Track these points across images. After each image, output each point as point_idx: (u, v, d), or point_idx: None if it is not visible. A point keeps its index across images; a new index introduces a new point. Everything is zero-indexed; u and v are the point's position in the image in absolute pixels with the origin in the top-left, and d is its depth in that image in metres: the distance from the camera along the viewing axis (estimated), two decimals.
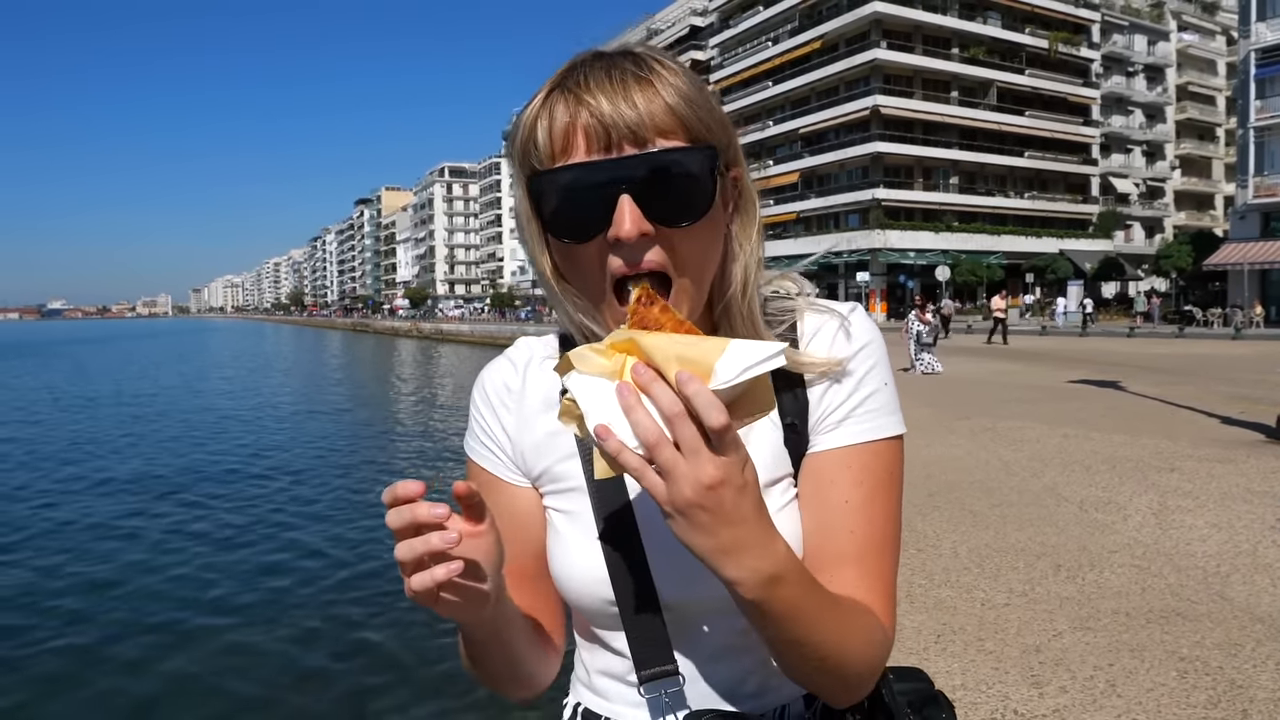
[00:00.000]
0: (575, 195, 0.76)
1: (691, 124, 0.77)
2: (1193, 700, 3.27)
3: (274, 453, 14.70)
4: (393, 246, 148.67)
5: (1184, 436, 8.88)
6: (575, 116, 0.75)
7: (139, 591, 7.41)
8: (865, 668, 0.81)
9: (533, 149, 0.78)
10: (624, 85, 0.75)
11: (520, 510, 0.96)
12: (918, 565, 5.00)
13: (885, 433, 0.88)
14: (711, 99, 0.80)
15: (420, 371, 37.08)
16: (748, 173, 0.85)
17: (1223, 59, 68.34)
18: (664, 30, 70.89)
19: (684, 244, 0.77)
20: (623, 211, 0.74)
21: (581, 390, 0.68)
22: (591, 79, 0.76)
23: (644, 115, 0.75)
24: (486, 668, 0.89)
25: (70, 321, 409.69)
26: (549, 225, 0.80)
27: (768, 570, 0.70)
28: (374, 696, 5.37)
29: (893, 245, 51.89)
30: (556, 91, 0.78)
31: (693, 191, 0.76)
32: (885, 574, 0.86)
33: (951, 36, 55.06)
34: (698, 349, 0.66)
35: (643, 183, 0.74)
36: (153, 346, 71.23)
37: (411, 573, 0.69)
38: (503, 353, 1.00)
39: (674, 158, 0.75)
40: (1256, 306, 36.16)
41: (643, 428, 0.64)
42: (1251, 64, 38.65)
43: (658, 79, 0.76)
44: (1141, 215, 65.23)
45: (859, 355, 0.88)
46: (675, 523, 0.67)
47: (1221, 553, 5.04)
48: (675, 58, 0.81)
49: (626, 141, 0.75)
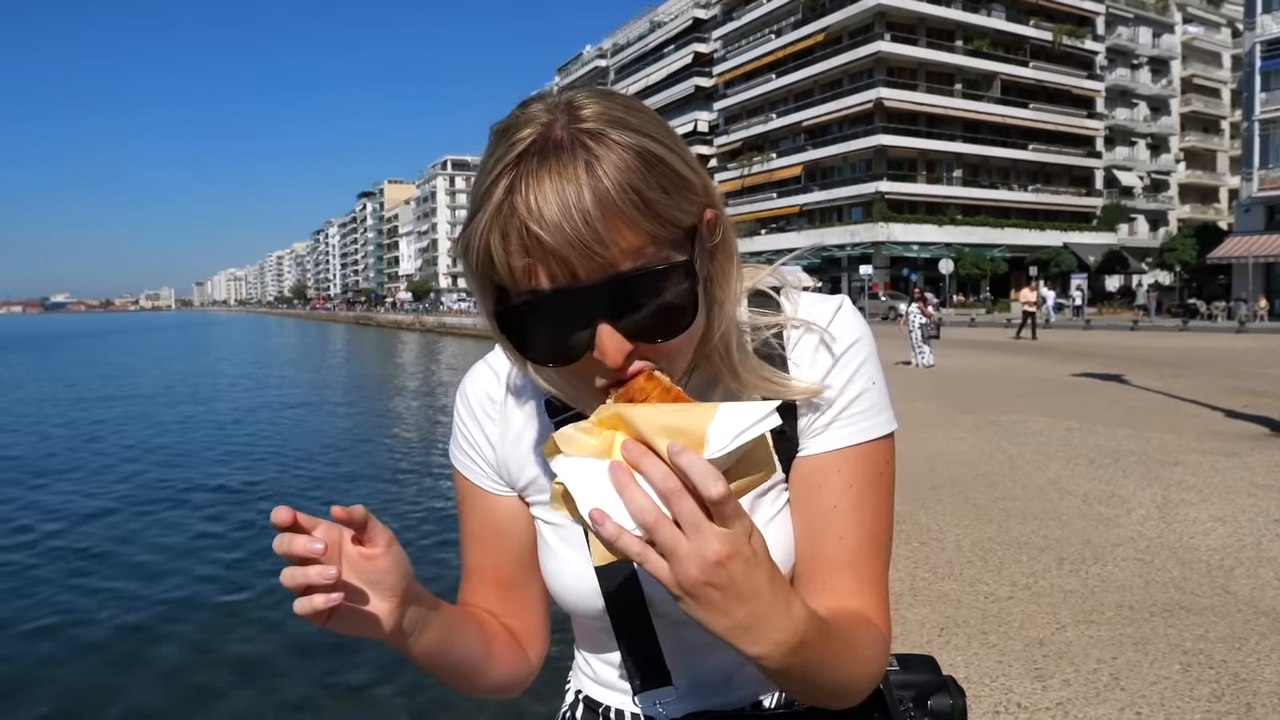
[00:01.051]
0: (549, 325, 0.72)
1: (656, 229, 0.70)
2: (1196, 693, 3.27)
3: (286, 448, 14.74)
4: (395, 240, 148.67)
5: (1188, 430, 8.86)
6: (531, 251, 0.68)
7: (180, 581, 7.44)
8: (872, 681, 0.81)
9: (491, 271, 0.71)
10: (579, 204, 0.66)
11: (501, 521, 0.96)
12: (921, 558, 5.00)
13: (873, 434, 0.86)
14: (677, 160, 0.72)
15: (423, 365, 37.11)
16: (723, 212, 0.79)
17: (1228, 51, 68.13)
18: (667, 23, 70.72)
19: (669, 345, 0.74)
20: (604, 341, 0.70)
21: (571, 474, 0.64)
22: (541, 200, 0.67)
23: (605, 242, 0.67)
24: (444, 680, 0.88)
25: (73, 315, 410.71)
26: (526, 355, 0.76)
27: (791, 641, 0.66)
28: (374, 683, 5.38)
29: (896, 238, 51.84)
30: (506, 209, 0.68)
31: (672, 308, 0.72)
32: (878, 577, 0.86)
33: (955, 29, 54.90)
34: (686, 417, 0.62)
35: (619, 309, 0.70)
36: (158, 340, 71.25)
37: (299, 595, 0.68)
38: (483, 359, 0.98)
39: (646, 284, 0.70)
40: (1261, 300, 36.07)
41: (639, 507, 0.60)
42: (1257, 56, 38.51)
43: (610, 179, 0.67)
44: (1146, 208, 65.12)
45: (846, 355, 0.86)
46: (686, 604, 0.63)
47: (1225, 546, 5.04)
48: (627, 107, 0.73)
49: (592, 272, 0.68)
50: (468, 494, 0.98)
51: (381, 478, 11.97)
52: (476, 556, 0.98)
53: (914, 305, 18.13)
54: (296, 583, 0.67)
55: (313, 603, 0.67)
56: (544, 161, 0.68)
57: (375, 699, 5.24)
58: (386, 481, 11.66)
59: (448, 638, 0.83)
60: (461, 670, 0.87)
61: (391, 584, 0.73)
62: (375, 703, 5.19)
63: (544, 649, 1.00)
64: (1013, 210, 57.03)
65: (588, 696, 0.99)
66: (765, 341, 0.87)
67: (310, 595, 0.67)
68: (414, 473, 12.17)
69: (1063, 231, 56.96)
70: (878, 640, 0.82)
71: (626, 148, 0.69)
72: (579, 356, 0.72)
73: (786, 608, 0.66)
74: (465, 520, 0.99)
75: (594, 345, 0.70)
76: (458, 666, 0.87)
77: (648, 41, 73.13)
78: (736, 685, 0.91)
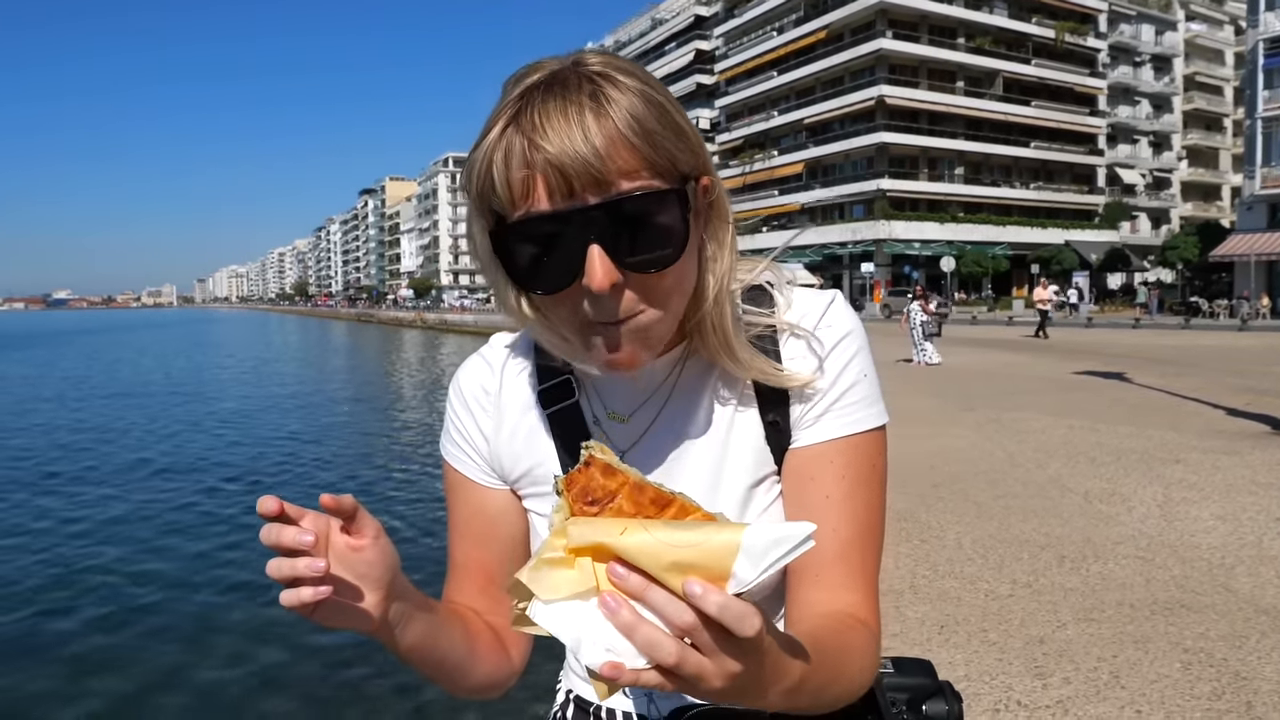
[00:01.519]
0: (542, 248, 0.72)
1: (651, 157, 0.71)
2: (1197, 692, 3.27)
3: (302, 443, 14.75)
4: (397, 236, 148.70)
5: (1189, 428, 8.85)
6: (532, 164, 0.70)
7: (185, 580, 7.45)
8: (863, 686, 0.80)
9: (491, 194, 0.73)
10: (581, 121, 0.69)
11: (491, 513, 0.96)
12: (921, 556, 5.00)
13: (866, 425, 0.87)
14: (675, 113, 0.75)
15: (425, 361, 37.13)
16: (717, 178, 0.80)
17: (1231, 49, 67.98)
18: (668, 20, 70.68)
19: (660, 283, 0.74)
20: (594, 264, 0.70)
21: (556, 625, 0.57)
22: (545, 119, 0.70)
23: (604, 158, 0.69)
24: (430, 677, 0.87)
25: (76, 311, 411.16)
26: (517, 278, 0.76)
27: (788, 687, 0.65)
28: (370, 680, 5.39)
29: (897, 236, 51.77)
30: (511, 128, 0.71)
31: (664, 237, 0.72)
32: (869, 570, 0.86)
33: (957, 26, 54.82)
34: (703, 552, 0.54)
35: (610, 231, 0.70)
36: (163, 337, 71.30)
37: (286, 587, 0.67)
38: (477, 351, 0.99)
39: (641, 206, 0.71)
40: (1264, 298, 36.02)
41: (661, 649, 0.55)
42: (1260, 54, 38.43)
43: (613, 106, 0.70)
44: (1148, 206, 65.02)
45: (838, 348, 0.87)
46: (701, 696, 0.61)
47: (1226, 545, 5.03)
48: (633, 65, 0.76)
49: (588, 187, 0.69)
50: (458, 486, 0.97)
51: (383, 471, 11.98)
52: (464, 549, 0.98)
53: (915, 303, 18.14)
54: (284, 575, 0.66)
55: (300, 595, 0.65)
56: (550, 92, 0.71)
57: (373, 697, 5.24)
58: (380, 474, 11.67)
59: (433, 634, 0.82)
60: (446, 667, 0.86)
61: (378, 576, 0.72)
62: (374, 701, 5.20)
63: (527, 650, 0.99)
64: (1014, 208, 56.95)
65: (578, 696, 0.98)
66: (759, 335, 0.88)
67: (298, 588, 0.66)
68: (412, 467, 12.18)
69: (1065, 229, 56.89)
70: (869, 642, 0.82)
71: (631, 89, 0.72)
72: (570, 282, 0.72)
73: (788, 664, 0.65)
74: (454, 513, 0.99)
75: (584, 272, 0.71)
76: (442, 664, 0.85)
77: (649, 39, 73.07)
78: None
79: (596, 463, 0.60)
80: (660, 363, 0.89)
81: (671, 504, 0.58)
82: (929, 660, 1.02)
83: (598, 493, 0.59)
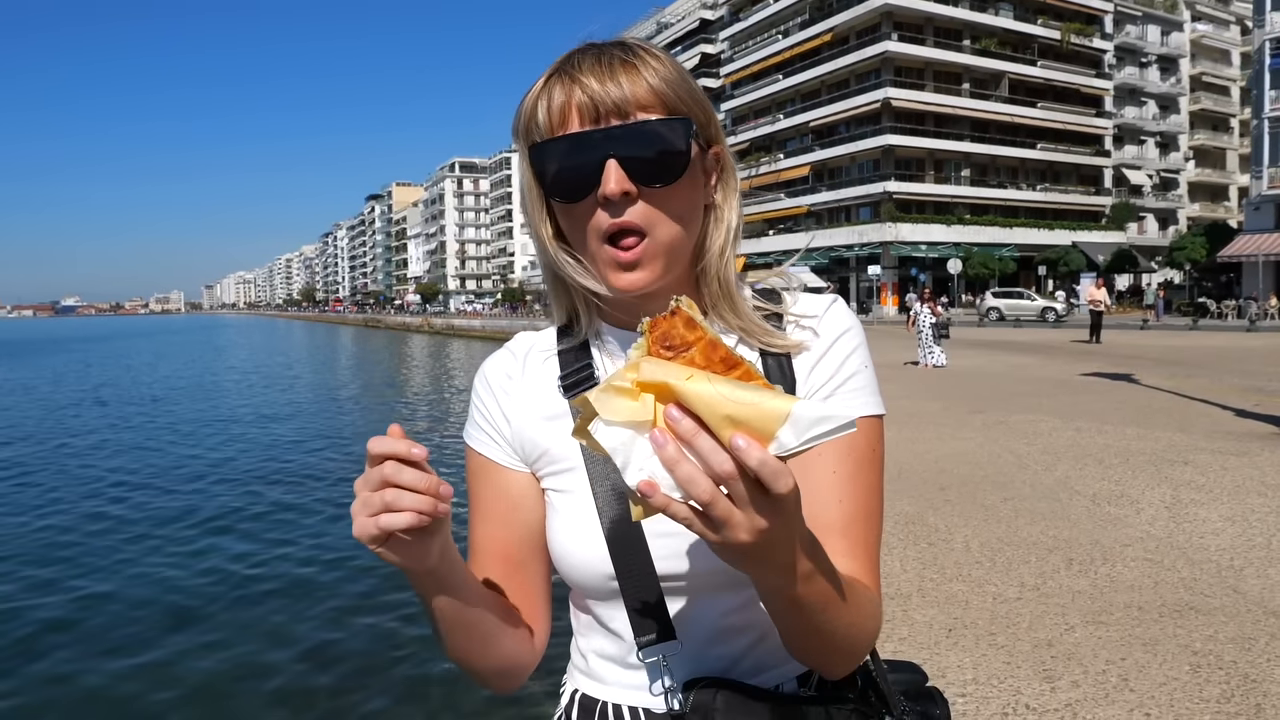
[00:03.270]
0: (570, 161, 0.86)
1: (670, 101, 0.87)
2: (1206, 695, 3.26)
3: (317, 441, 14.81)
4: (404, 242, 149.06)
5: (1198, 430, 8.83)
6: (570, 95, 0.86)
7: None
8: (869, 640, 0.86)
9: (534, 126, 0.89)
10: (611, 68, 0.86)
11: (513, 495, 0.99)
12: (929, 559, 5.00)
13: (869, 410, 0.93)
14: (691, 82, 0.91)
15: (435, 365, 37.18)
16: (727, 148, 0.96)
17: (1237, 49, 67.77)
18: (674, 24, 70.78)
19: (665, 204, 0.87)
20: (609, 173, 0.84)
21: (610, 441, 0.63)
22: (584, 64, 0.87)
23: (627, 93, 0.85)
24: (460, 645, 0.90)
25: (84, 318, 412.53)
26: (548, 189, 0.89)
27: (805, 572, 0.71)
28: (373, 694, 5.40)
29: (904, 238, 51.67)
30: (555, 76, 0.88)
31: (669, 157, 0.86)
32: (871, 543, 0.91)
33: (963, 28, 54.73)
34: (755, 411, 0.61)
35: (626, 148, 0.85)
36: (176, 344, 71.47)
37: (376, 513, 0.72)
38: (504, 346, 1.06)
39: (653, 127, 0.86)
40: (1273, 299, 35.87)
41: (697, 486, 0.62)
42: (1266, 54, 38.33)
43: (641, 63, 0.87)
44: (1155, 207, 64.80)
45: (842, 339, 0.95)
46: (724, 554, 0.67)
47: (1235, 546, 5.02)
48: (660, 48, 0.92)
49: (613, 115, 0.85)
50: (481, 470, 1.01)
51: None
52: (485, 531, 1.01)
53: (924, 306, 18.11)
54: (404, 505, 0.72)
55: (398, 520, 0.72)
56: (587, 52, 0.89)
57: (376, 699, 5.26)
58: None
59: (468, 592, 0.88)
60: (477, 632, 0.89)
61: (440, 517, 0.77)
62: (377, 702, 5.21)
63: (545, 634, 1.02)
64: (1021, 209, 56.80)
65: (584, 695, 1.00)
66: (765, 317, 0.98)
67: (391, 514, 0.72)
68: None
69: (1071, 230, 56.73)
70: (874, 599, 0.88)
71: (658, 57, 0.90)
72: (588, 192, 0.86)
73: (808, 541, 0.72)
74: (477, 496, 1.02)
75: (600, 182, 0.85)
76: (474, 626, 0.89)
77: (654, 43, 72.75)
78: (739, 670, 0.92)
79: (681, 314, 0.65)
80: None
81: (739, 366, 0.64)
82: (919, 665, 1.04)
83: (676, 340, 0.65)
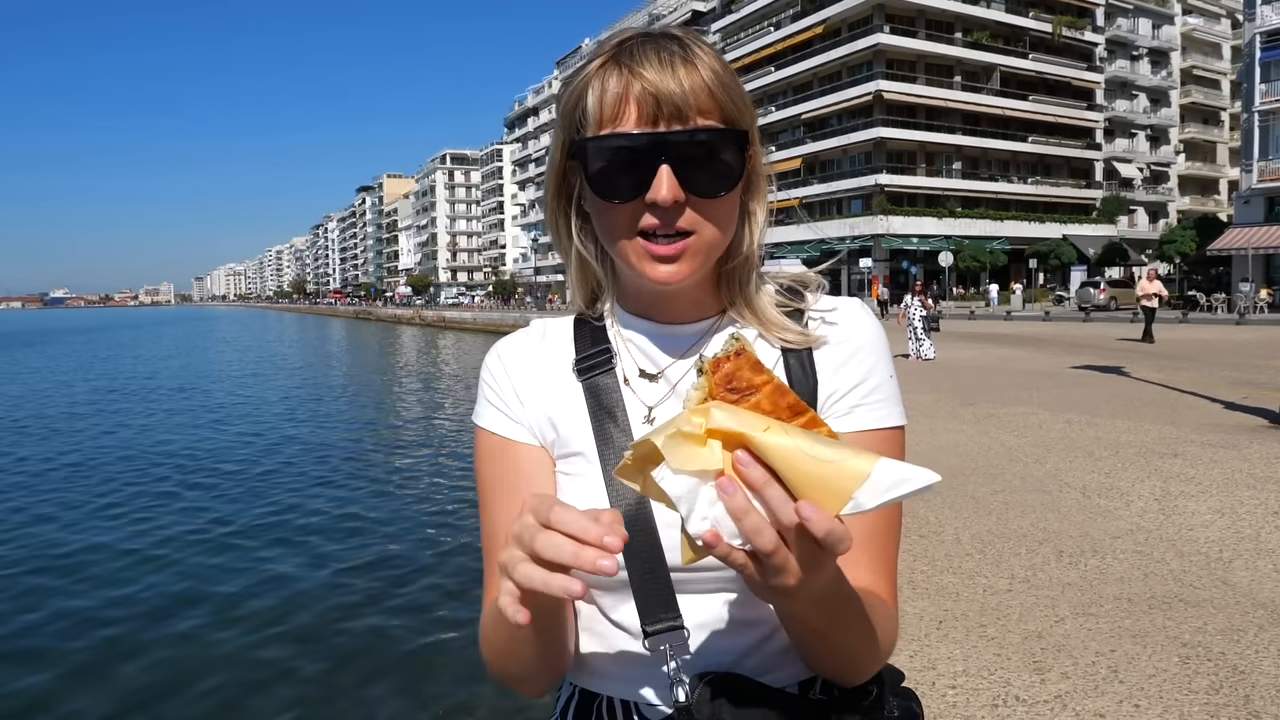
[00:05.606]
0: (620, 161, 0.83)
1: (726, 106, 0.85)
2: (1195, 686, 3.27)
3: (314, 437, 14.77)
4: (395, 234, 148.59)
5: (1187, 422, 8.87)
6: (629, 89, 0.83)
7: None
8: (885, 654, 0.87)
9: (580, 113, 0.86)
10: (672, 66, 0.83)
11: (528, 468, 0.96)
12: (920, 551, 5.00)
13: (893, 421, 0.93)
14: (740, 85, 0.88)
15: (426, 358, 37.10)
16: (761, 152, 0.93)
17: (1228, 42, 67.98)
18: (666, 15, 70.49)
19: (710, 212, 0.86)
20: (661, 179, 0.82)
21: (676, 489, 0.61)
22: (644, 57, 0.84)
23: (688, 95, 0.83)
24: (524, 660, 0.87)
25: (73, 310, 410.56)
26: (593, 184, 0.86)
27: (829, 601, 0.73)
28: (376, 687, 5.39)
29: (895, 231, 51.74)
30: (610, 63, 0.85)
31: (724, 169, 0.85)
32: (890, 558, 0.92)
33: (955, 21, 54.75)
34: (836, 470, 0.59)
35: (681, 156, 0.82)
36: (169, 335, 71.12)
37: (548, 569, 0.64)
38: (519, 330, 1.06)
39: (713, 137, 0.84)
40: (1263, 291, 36.03)
41: (762, 537, 0.62)
42: (1257, 47, 38.45)
43: (699, 62, 0.84)
44: (1145, 200, 65.03)
45: (867, 345, 0.94)
46: (760, 592, 0.68)
47: (1224, 538, 5.04)
48: (711, 45, 0.89)
49: (671, 117, 0.83)
50: (499, 451, 0.98)
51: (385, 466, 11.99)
52: (506, 513, 0.95)
53: (915, 299, 18.14)
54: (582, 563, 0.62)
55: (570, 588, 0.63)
56: (647, 41, 0.86)
57: (379, 700, 5.25)
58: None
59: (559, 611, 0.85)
60: (557, 642, 0.88)
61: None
62: (380, 703, 5.20)
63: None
64: (1012, 202, 56.93)
65: (583, 690, 0.99)
66: (787, 313, 0.97)
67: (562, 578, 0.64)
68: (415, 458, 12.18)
69: (1062, 224, 56.88)
70: (890, 614, 0.88)
71: (712, 54, 0.87)
72: (636, 195, 0.83)
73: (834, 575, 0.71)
74: (493, 479, 0.98)
75: (650, 186, 0.82)
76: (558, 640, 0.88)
77: None
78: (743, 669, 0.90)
79: (747, 356, 0.63)
80: (694, 328, 0.97)
81: (805, 413, 0.63)
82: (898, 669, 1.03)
83: (741, 383, 0.63)
